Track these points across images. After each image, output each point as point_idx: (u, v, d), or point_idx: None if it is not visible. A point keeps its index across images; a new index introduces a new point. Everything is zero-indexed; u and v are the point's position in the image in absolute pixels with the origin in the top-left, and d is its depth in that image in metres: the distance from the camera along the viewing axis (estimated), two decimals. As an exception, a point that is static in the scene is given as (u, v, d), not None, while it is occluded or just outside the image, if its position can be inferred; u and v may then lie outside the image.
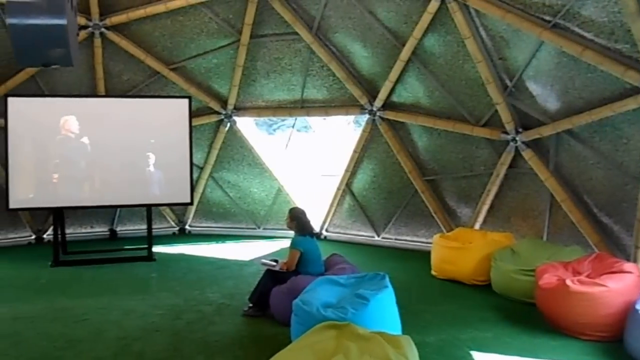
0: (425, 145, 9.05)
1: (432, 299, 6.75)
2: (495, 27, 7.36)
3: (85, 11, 8.94)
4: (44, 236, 10.18)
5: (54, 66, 5.92)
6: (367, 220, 9.87)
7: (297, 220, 6.50)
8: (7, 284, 7.61)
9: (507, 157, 8.10)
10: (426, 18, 7.78)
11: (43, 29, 5.20)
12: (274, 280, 6.09)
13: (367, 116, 9.32)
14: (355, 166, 9.67)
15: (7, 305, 6.60)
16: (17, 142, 8.39)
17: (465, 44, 7.61)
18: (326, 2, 8.63)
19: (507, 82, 7.69)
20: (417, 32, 7.97)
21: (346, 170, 9.73)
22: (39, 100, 8.96)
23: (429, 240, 8.44)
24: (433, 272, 7.70)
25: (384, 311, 4.87)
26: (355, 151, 9.56)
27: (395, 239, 9.64)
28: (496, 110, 7.93)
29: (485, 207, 8.54)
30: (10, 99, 8.41)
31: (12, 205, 8.45)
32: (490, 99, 7.88)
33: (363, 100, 9.20)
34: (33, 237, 10.15)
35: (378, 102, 9.05)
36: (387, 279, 5.23)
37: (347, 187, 9.85)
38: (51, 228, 9.64)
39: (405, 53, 8.27)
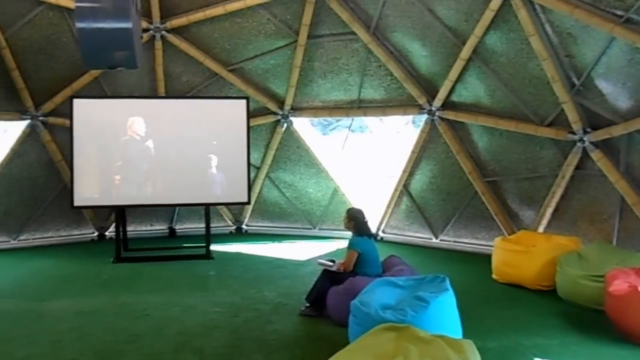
0: (486, 145, 8.85)
1: (494, 304, 6.57)
2: (562, 23, 7.11)
3: (147, 14, 9.17)
4: (106, 233, 10.54)
5: (118, 68, 6.13)
6: (424, 221, 9.73)
7: (355, 220, 6.47)
8: (72, 278, 7.91)
9: (573, 158, 7.82)
10: (488, 15, 7.60)
11: (109, 32, 5.37)
12: (331, 280, 6.07)
13: (425, 116, 9.20)
14: (413, 167, 9.55)
15: (72, 299, 6.87)
16: (82, 143, 8.70)
17: (529, 41, 7.39)
18: (384, 1, 8.57)
19: (575, 80, 7.42)
20: (479, 30, 7.80)
21: (404, 171, 9.63)
22: (102, 101, 9.30)
23: (489, 243, 8.25)
24: (494, 276, 7.50)
25: (444, 314, 4.78)
26: (413, 152, 9.45)
27: (454, 241, 9.45)
28: (562, 110, 7.67)
29: (550, 210, 8.27)
30: (75, 101, 8.74)
31: (76, 203, 8.78)
32: (556, 98, 7.62)
33: (422, 100, 9.09)
34: (96, 234, 10.52)
35: (437, 102, 8.91)
36: (447, 281, 5.13)
37: (404, 188, 9.74)
38: (113, 225, 10.00)
39: (466, 51, 8.11)
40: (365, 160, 14.73)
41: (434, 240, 9.66)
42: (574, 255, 6.71)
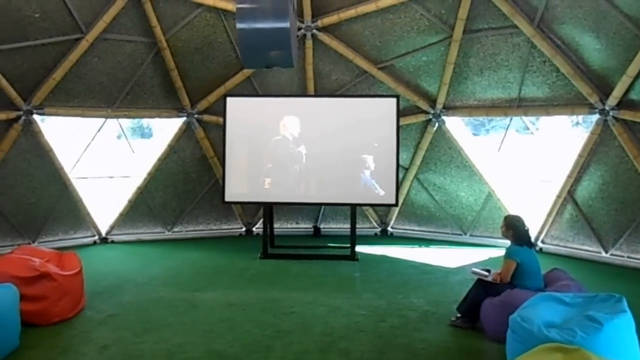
0: (669, 150, 8.01)
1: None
2: None
3: (299, 13, 9.43)
4: (253, 229, 11.04)
5: (275, 67, 6.35)
6: (592, 233, 9.00)
7: (514, 228, 6.15)
8: (222, 271, 8.39)
9: None
10: (679, 1, 6.89)
11: (268, 32, 5.62)
12: (486, 291, 5.84)
13: (597, 116, 8.54)
14: (580, 172, 8.90)
15: (222, 291, 7.29)
16: (234, 140, 9.20)
17: None
18: (551, -9, 8.10)
19: None
20: (666, 18, 7.09)
21: (568, 176, 9.01)
22: (254, 99, 9.76)
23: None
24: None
25: (621, 339, 4.35)
26: (580, 155, 8.81)
27: (628, 257, 8.63)
28: None
29: None
30: (228, 99, 9.26)
31: (227, 198, 9.31)
32: None
33: (593, 99, 8.44)
34: (243, 229, 11.08)
35: (612, 100, 8.22)
36: (625, 302, 4.67)
37: (569, 194, 9.11)
38: (260, 222, 10.45)
39: (650, 43, 7.40)
40: (525, 163, 14.04)
41: (604, 254, 8.90)
42: None
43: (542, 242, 9.54)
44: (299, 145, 9.07)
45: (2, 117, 8.86)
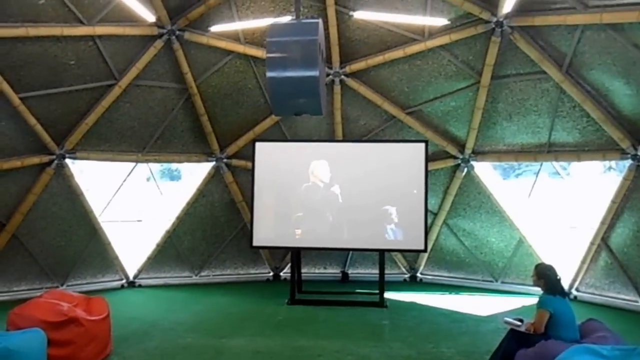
0: None
1: None
2: None
3: (327, 60, 9.62)
4: (281, 274, 11.06)
5: (304, 114, 6.46)
6: (629, 281, 8.81)
7: (546, 278, 6.05)
8: (248, 317, 8.39)
9: None
10: None
11: (297, 80, 5.73)
12: (519, 342, 5.73)
13: (629, 161, 8.51)
14: (614, 218, 8.80)
15: (249, 338, 7.28)
16: (262, 184, 9.32)
17: None
18: (580, 38, 8.16)
19: None
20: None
21: (602, 223, 8.91)
22: (283, 144, 9.93)
23: None
24: None
25: (661, 394, 4.24)
26: (613, 201, 8.73)
27: (668, 307, 8.45)
28: None
29: None
30: (257, 144, 9.43)
31: (255, 243, 9.38)
32: None
33: (624, 144, 8.42)
34: (271, 274, 11.11)
35: (645, 146, 8.19)
36: (667, 356, 4.56)
37: (602, 241, 8.98)
38: (288, 266, 10.47)
39: (682, 88, 7.40)
40: (555, 209, 13.88)
41: (642, 303, 8.74)
42: None
43: (577, 290, 9.37)
44: (331, 187, 9.16)
45: (35, 161, 9.14)
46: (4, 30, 7.88)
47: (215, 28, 9.20)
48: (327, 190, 9.18)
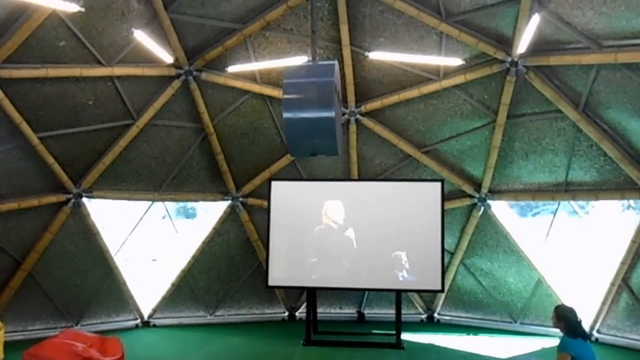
0: None
1: None
2: None
3: (342, 99, 9.73)
4: (296, 314, 10.99)
5: (320, 155, 6.51)
6: (651, 323, 8.68)
7: (566, 320, 5.94)
8: (263, 359, 8.33)
9: None
10: None
11: (313, 121, 5.78)
12: (541, 386, 5.63)
13: (648, 201, 8.44)
14: (634, 258, 8.70)
15: (263, 382, 7.19)
16: (278, 223, 9.34)
17: None
18: (595, 77, 8.20)
19: None
20: None
21: (622, 263, 8.80)
22: (298, 183, 9.99)
23: None
24: None
25: None
26: (633, 241, 8.64)
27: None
28: None
29: None
30: (273, 183, 9.50)
31: (270, 282, 9.38)
32: None
33: (643, 183, 8.38)
34: (286, 313, 11.04)
35: (663, 185, 8.14)
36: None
37: (623, 282, 8.86)
38: (303, 306, 10.41)
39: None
40: (574, 248, 13.73)
41: (666, 346, 8.53)
42: None
43: (598, 332, 9.19)
44: (345, 230, 9.14)
45: (52, 199, 9.27)
46: (25, 71, 8.09)
47: (232, 68, 9.37)
48: (341, 234, 9.17)
